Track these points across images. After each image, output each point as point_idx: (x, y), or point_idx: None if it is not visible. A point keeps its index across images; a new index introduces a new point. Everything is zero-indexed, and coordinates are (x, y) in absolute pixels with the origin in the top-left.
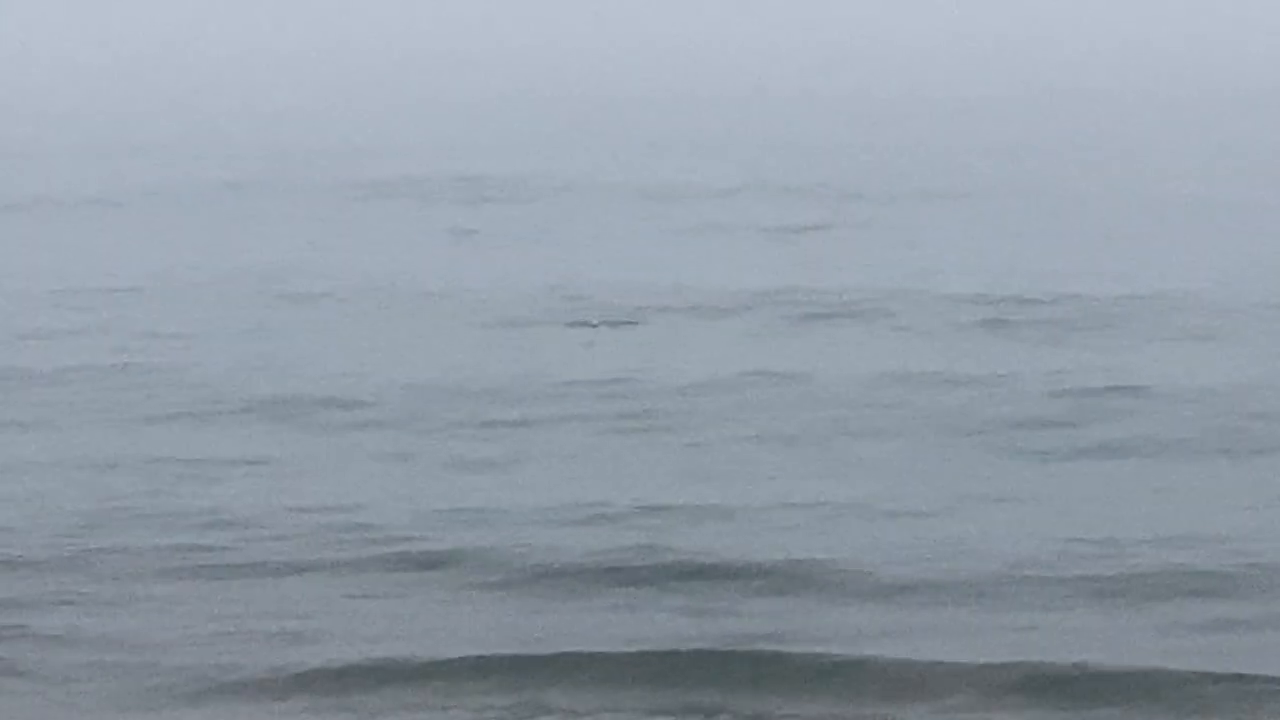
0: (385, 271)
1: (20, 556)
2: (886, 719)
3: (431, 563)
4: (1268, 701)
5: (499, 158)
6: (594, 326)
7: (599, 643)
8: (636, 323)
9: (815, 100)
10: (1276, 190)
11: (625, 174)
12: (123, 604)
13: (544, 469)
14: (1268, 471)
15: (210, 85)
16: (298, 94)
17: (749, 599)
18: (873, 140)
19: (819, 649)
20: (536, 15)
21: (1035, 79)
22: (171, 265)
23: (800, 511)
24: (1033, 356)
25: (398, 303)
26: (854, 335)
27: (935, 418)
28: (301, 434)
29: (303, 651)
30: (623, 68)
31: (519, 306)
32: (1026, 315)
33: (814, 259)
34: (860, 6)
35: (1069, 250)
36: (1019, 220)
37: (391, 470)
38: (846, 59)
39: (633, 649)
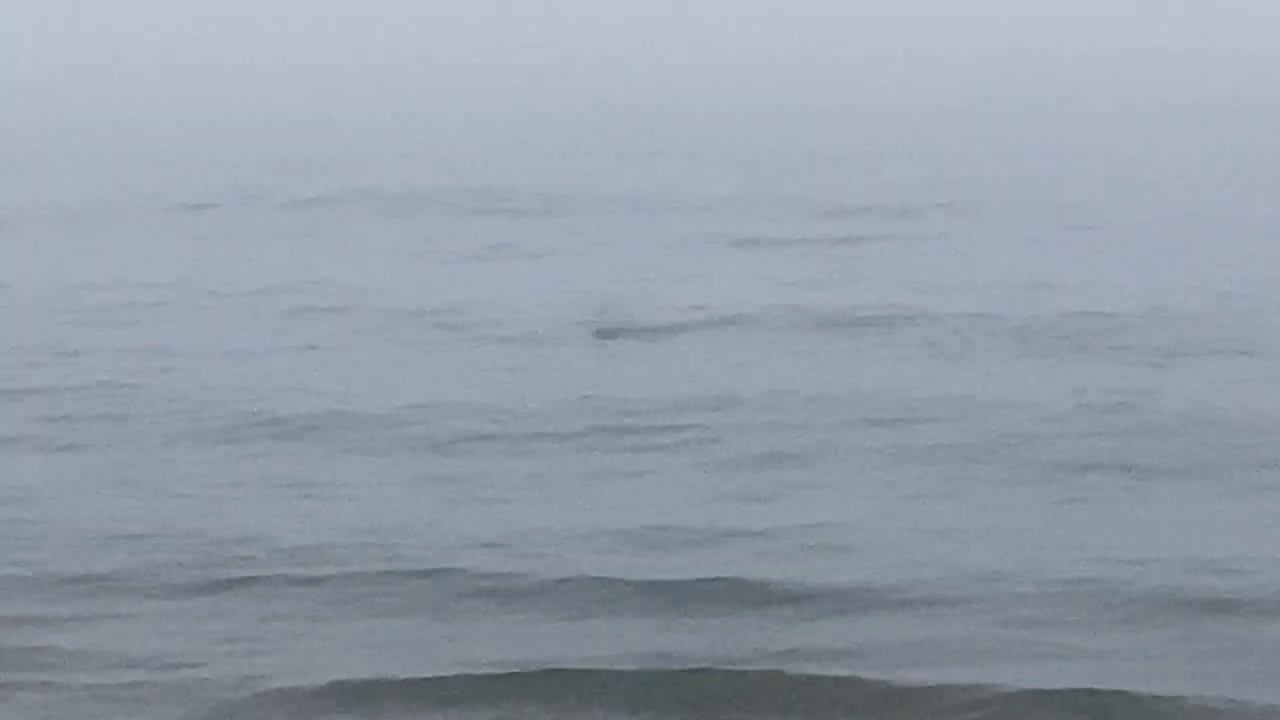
0: (394, 286)
1: (39, 574)
2: None
3: (450, 581)
4: None
5: (506, 169)
6: (611, 340)
7: (617, 660)
8: (655, 337)
9: (819, 107)
10: None
11: (632, 185)
12: (141, 620)
13: (562, 487)
14: None
15: (218, 93)
16: (294, 101)
17: (770, 618)
18: (880, 148)
19: (839, 669)
20: (536, 20)
21: (1037, 85)
22: (182, 279)
23: (819, 530)
24: (1054, 373)
25: (407, 319)
26: (872, 351)
27: (955, 436)
28: (317, 452)
29: (318, 666)
30: (623, 74)
31: (535, 322)
32: (1047, 330)
33: (828, 272)
34: (860, 12)
35: (1077, 261)
36: (1032, 231)
37: (411, 489)
38: (849, 65)
39: (656, 667)
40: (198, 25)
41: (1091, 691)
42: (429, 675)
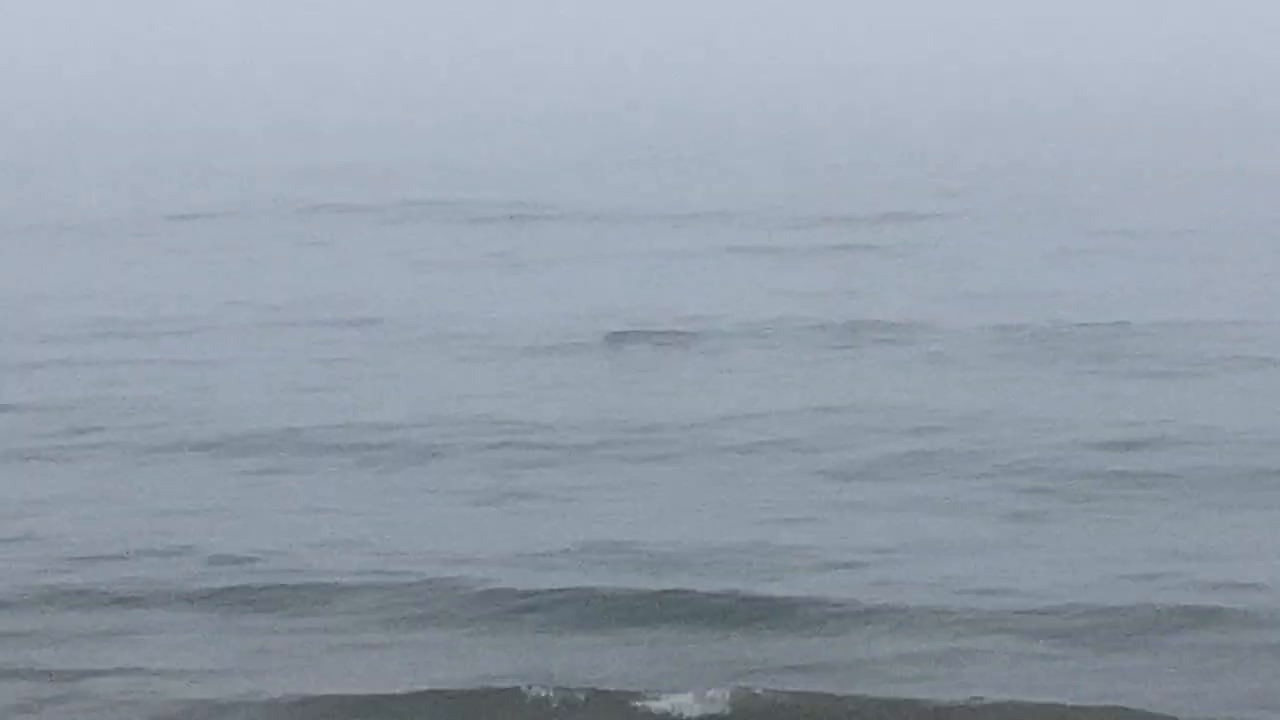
0: (400, 295)
1: (49, 587)
2: None
3: (458, 593)
4: None
5: (511, 177)
6: (618, 350)
7: (629, 673)
8: (663, 348)
9: (824, 114)
10: None
11: (636, 192)
12: (153, 633)
13: (571, 499)
14: None
15: (218, 96)
16: (295, 105)
17: (775, 631)
18: (884, 155)
19: (844, 679)
20: (538, 21)
21: (1043, 92)
22: (196, 292)
23: (825, 543)
24: (1062, 384)
25: (412, 328)
26: (879, 362)
27: (960, 445)
28: (321, 463)
29: (326, 677)
30: (624, 77)
31: (542, 332)
32: (1054, 340)
33: (834, 282)
34: (863, 17)
35: (1084, 270)
36: (1039, 240)
37: (415, 499)
38: (851, 69)
39: (668, 682)
40: (197, 27)
41: (1093, 706)
42: (436, 687)
